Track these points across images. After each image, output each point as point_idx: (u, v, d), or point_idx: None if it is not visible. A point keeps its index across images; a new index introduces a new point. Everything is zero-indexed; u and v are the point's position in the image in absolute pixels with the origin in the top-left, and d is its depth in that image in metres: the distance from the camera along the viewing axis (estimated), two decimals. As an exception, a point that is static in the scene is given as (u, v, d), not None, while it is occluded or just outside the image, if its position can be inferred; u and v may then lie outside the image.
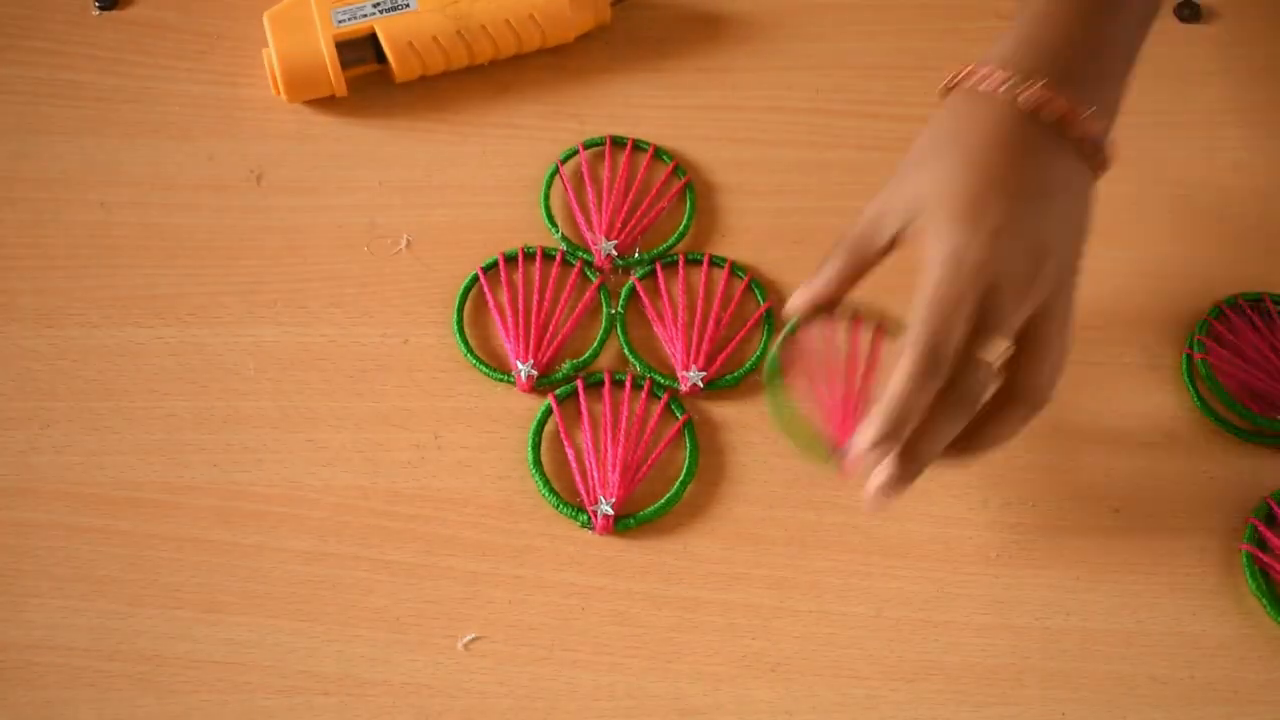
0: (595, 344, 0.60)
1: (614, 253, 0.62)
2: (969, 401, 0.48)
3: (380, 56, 0.64)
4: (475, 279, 0.61)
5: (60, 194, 0.63)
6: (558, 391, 0.58)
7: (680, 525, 0.56)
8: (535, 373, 0.58)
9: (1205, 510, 0.57)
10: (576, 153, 0.65)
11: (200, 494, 0.56)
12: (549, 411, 0.58)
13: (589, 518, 0.55)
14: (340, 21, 0.62)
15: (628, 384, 0.59)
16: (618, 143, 0.65)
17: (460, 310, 0.60)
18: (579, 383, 0.58)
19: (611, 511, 0.55)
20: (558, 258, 0.62)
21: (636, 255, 0.62)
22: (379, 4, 0.62)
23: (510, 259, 0.62)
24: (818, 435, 0.53)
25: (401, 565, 0.55)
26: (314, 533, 0.55)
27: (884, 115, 0.67)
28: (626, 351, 0.60)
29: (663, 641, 0.54)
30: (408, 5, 0.62)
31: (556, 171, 0.64)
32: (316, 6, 0.63)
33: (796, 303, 0.52)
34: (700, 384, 0.59)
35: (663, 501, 0.56)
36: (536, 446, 0.57)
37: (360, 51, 0.64)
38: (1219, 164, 0.66)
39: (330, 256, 0.62)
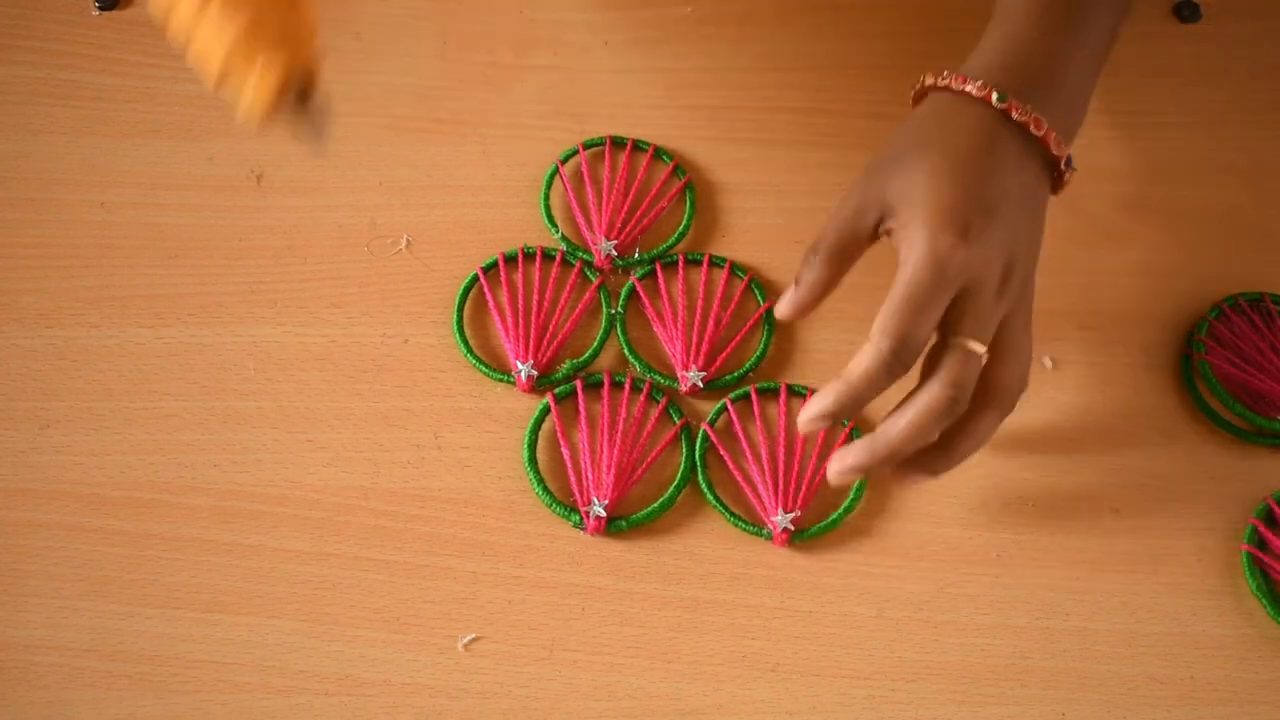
0: (595, 344, 0.60)
1: (614, 253, 0.62)
2: (960, 399, 0.50)
3: None
4: (475, 279, 0.61)
5: (60, 194, 0.63)
6: (556, 391, 0.58)
7: (680, 525, 0.56)
8: (535, 373, 0.58)
9: (1205, 510, 0.57)
10: (576, 153, 0.65)
11: (200, 494, 0.56)
12: (546, 410, 0.58)
13: (580, 518, 0.55)
14: None
15: (627, 386, 0.59)
16: (618, 143, 0.65)
17: (460, 310, 0.60)
18: (578, 383, 0.58)
19: (604, 513, 0.55)
20: (558, 258, 0.62)
21: (636, 255, 0.62)
22: None
23: (510, 259, 0.62)
24: (750, 509, 0.56)
25: (401, 565, 0.55)
26: (314, 533, 0.55)
27: (884, 115, 0.67)
28: (626, 352, 0.60)
29: (662, 641, 0.54)
30: None
31: (556, 171, 0.64)
32: None
33: (785, 311, 0.53)
34: (700, 384, 0.59)
35: (656, 505, 0.56)
36: (533, 445, 0.57)
37: None
38: (1219, 164, 0.66)
39: (330, 256, 0.62)
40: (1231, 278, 0.63)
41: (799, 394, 0.59)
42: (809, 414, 0.51)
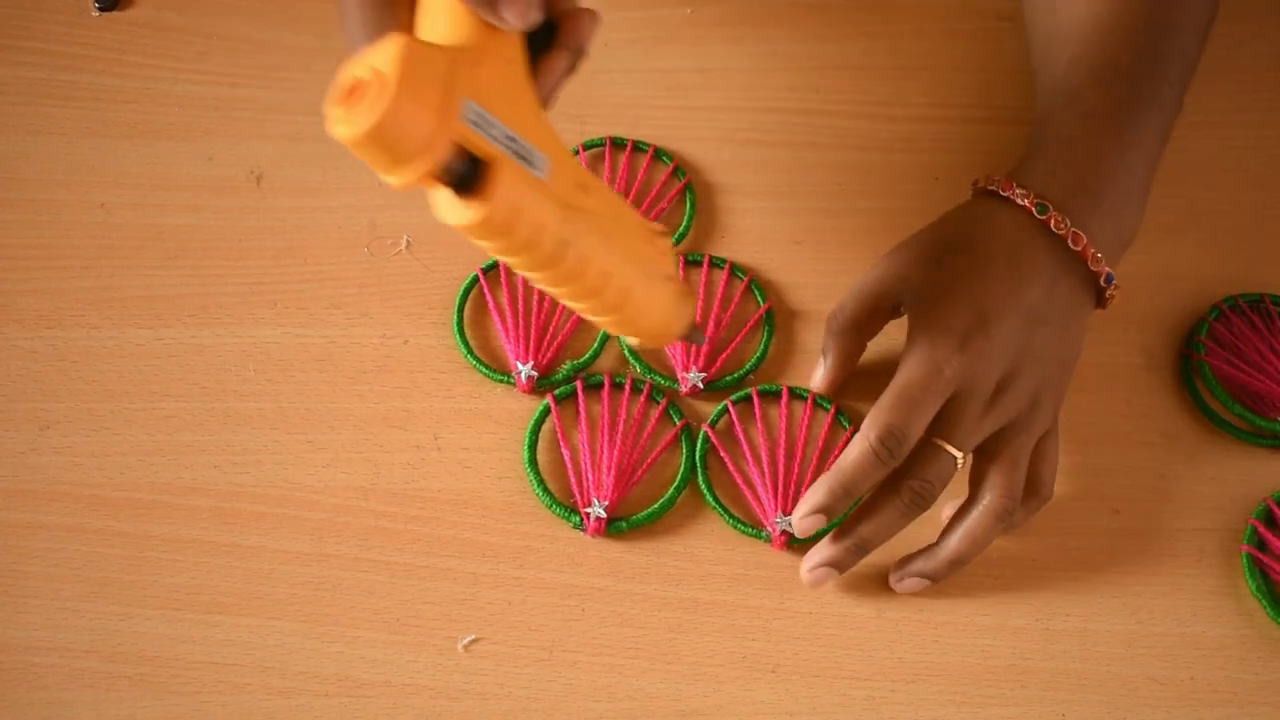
0: (595, 345, 0.60)
1: (614, 253, 0.62)
2: (925, 493, 0.52)
3: (465, 185, 0.40)
4: (475, 280, 0.61)
5: (60, 194, 0.63)
6: (556, 392, 0.58)
7: (680, 526, 0.56)
8: (535, 374, 0.58)
9: (1205, 510, 0.57)
10: (577, 153, 0.65)
11: (200, 495, 0.56)
12: (546, 411, 0.58)
13: (581, 519, 0.55)
14: (470, 120, 0.40)
15: (627, 387, 0.59)
16: (618, 143, 0.65)
17: (460, 311, 0.60)
18: (578, 384, 0.58)
19: (604, 514, 0.55)
20: (557, 258, 0.62)
21: (636, 256, 0.62)
22: (513, 143, 0.41)
23: (510, 259, 0.62)
24: (750, 511, 0.56)
25: (401, 566, 0.55)
26: (313, 534, 0.55)
27: (884, 115, 0.67)
28: (626, 353, 0.60)
29: (662, 643, 0.54)
30: (538, 170, 0.42)
31: (556, 172, 0.64)
32: (450, 71, 0.40)
33: (819, 387, 0.58)
34: (700, 385, 0.59)
35: (656, 506, 0.56)
36: (533, 446, 0.57)
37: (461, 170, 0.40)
38: (1219, 165, 0.66)
39: (330, 257, 0.62)
40: (1231, 278, 0.63)
41: (800, 396, 0.59)
42: (803, 511, 0.52)
